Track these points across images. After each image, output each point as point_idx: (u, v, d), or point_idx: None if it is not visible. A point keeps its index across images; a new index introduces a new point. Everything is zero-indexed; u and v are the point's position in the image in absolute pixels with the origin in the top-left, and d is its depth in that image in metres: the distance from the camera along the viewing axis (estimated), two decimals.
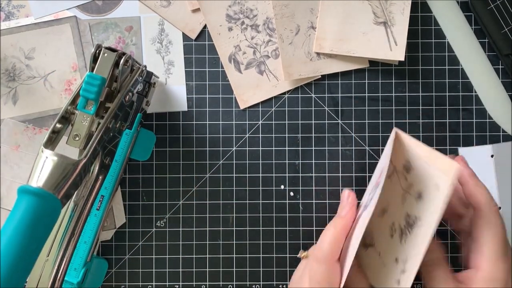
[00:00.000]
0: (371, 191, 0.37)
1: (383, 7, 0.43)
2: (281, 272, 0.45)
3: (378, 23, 0.43)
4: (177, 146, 0.46)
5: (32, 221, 0.31)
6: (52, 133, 0.36)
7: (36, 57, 0.45)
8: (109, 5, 0.45)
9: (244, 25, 0.43)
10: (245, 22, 0.43)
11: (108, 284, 0.45)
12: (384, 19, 0.43)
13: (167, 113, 0.46)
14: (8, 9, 0.45)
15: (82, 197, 0.39)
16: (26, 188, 0.32)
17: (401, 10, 0.43)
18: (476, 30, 0.45)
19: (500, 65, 0.45)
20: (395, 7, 0.43)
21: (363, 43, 0.43)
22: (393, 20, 0.43)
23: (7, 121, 0.45)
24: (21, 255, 0.31)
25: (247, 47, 0.43)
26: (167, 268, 0.45)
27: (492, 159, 0.45)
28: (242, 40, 0.43)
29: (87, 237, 0.41)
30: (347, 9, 0.43)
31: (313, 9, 0.44)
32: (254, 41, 0.43)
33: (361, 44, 0.43)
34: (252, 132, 0.46)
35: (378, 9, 0.43)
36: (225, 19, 0.43)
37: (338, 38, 0.43)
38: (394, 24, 0.43)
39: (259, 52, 0.43)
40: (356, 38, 0.43)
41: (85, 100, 0.36)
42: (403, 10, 0.43)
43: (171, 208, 0.45)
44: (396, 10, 0.43)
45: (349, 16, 0.43)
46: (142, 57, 0.45)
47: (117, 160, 0.41)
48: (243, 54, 0.43)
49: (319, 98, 0.45)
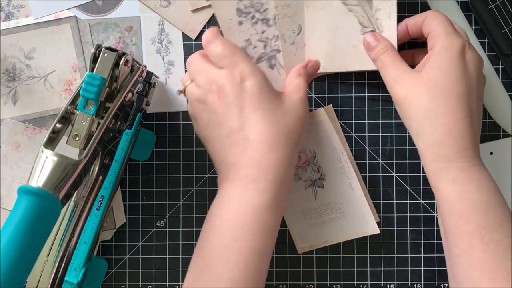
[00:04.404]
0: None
1: (368, 15, 0.41)
2: (281, 272, 0.45)
3: (366, 32, 0.42)
4: (177, 146, 0.46)
5: (32, 221, 0.31)
6: (52, 133, 0.36)
7: (36, 57, 0.45)
8: (109, 5, 0.45)
9: (255, 19, 0.42)
10: (256, 16, 0.42)
11: (108, 284, 0.45)
12: (372, 27, 0.41)
13: (167, 113, 0.46)
14: (8, 9, 0.45)
15: (82, 197, 0.39)
16: (26, 188, 0.32)
17: (387, 14, 0.41)
18: (476, 30, 0.45)
19: (500, 65, 0.45)
20: (381, 13, 0.41)
21: (355, 56, 0.42)
22: (381, 26, 0.41)
23: (7, 121, 0.45)
24: (21, 255, 0.31)
25: (258, 41, 0.43)
26: (167, 268, 0.45)
27: (491, 156, 0.45)
28: (252, 35, 0.42)
29: (87, 237, 0.41)
30: (331, 25, 0.42)
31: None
32: (264, 35, 0.42)
33: (353, 57, 0.42)
34: None
35: (364, 18, 0.42)
36: (235, 13, 0.42)
37: (328, 56, 0.42)
38: (383, 31, 0.41)
39: (269, 46, 0.43)
40: (347, 53, 0.42)
41: (85, 100, 0.36)
42: (389, 14, 0.41)
43: (171, 208, 0.45)
44: (382, 15, 0.41)
45: (336, 32, 0.42)
46: (142, 57, 0.45)
47: (117, 160, 0.41)
48: (254, 48, 0.43)
49: (319, 98, 0.45)
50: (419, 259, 0.40)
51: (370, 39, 0.41)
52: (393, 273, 0.45)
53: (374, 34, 0.41)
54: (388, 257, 0.45)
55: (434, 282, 0.45)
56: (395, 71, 0.38)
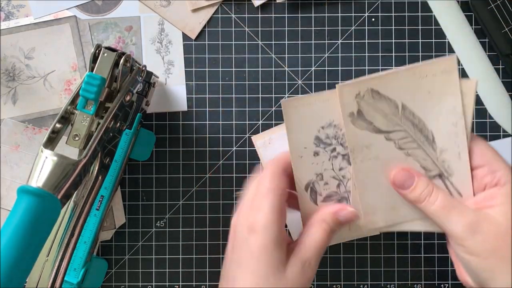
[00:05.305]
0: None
1: (432, 158, 0.35)
2: None
3: (431, 177, 0.35)
4: (177, 146, 0.46)
5: (32, 221, 0.31)
6: (52, 133, 0.36)
7: (36, 57, 0.45)
8: (109, 5, 0.45)
9: (335, 152, 0.35)
10: (337, 149, 0.35)
11: (108, 284, 0.45)
12: (438, 171, 0.35)
13: (167, 113, 0.46)
14: (8, 9, 0.45)
15: (82, 197, 0.39)
16: (26, 188, 0.32)
17: (456, 155, 0.35)
18: (476, 30, 0.45)
19: (500, 65, 0.45)
20: (448, 154, 0.35)
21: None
22: (450, 169, 0.35)
23: (7, 121, 0.45)
24: (21, 255, 0.31)
25: (332, 178, 0.36)
26: (167, 268, 0.45)
27: None
28: (327, 169, 0.36)
29: (87, 237, 0.41)
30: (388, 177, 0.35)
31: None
32: (341, 172, 0.36)
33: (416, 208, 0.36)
34: (252, 132, 0.46)
35: (427, 162, 0.35)
36: (313, 141, 0.35)
37: (389, 208, 0.36)
38: (452, 174, 0.35)
39: (344, 186, 0.36)
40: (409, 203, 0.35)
41: (84, 100, 0.36)
42: (459, 154, 0.34)
43: (171, 208, 0.45)
44: (450, 156, 0.35)
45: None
46: (142, 57, 0.45)
47: (117, 160, 0.41)
48: (325, 184, 0.36)
49: None
50: (419, 259, 0.40)
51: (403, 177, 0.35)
52: (393, 273, 0.45)
53: (405, 169, 0.35)
54: (388, 257, 0.45)
55: (434, 282, 0.45)
56: (464, 217, 0.33)
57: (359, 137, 0.35)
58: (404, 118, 0.35)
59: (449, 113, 0.35)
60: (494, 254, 0.32)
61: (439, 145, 0.35)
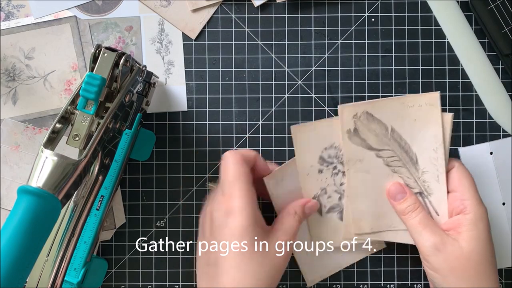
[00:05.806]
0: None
1: (415, 177, 0.40)
2: None
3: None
4: (177, 146, 0.46)
5: (32, 221, 0.31)
6: (52, 133, 0.36)
7: (36, 57, 0.45)
8: (109, 5, 0.45)
9: (336, 170, 0.41)
10: (338, 167, 0.41)
11: (108, 284, 0.45)
12: (419, 189, 0.40)
13: (167, 113, 0.46)
14: (8, 9, 0.45)
15: (82, 197, 0.39)
16: (26, 188, 0.32)
17: (435, 177, 0.40)
18: (476, 30, 0.45)
19: (500, 65, 0.45)
20: (428, 176, 0.40)
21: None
22: (429, 189, 0.40)
23: (7, 121, 0.45)
24: (21, 255, 0.31)
25: (334, 192, 0.42)
26: (167, 268, 0.45)
27: (491, 156, 0.45)
28: (330, 184, 0.41)
29: (87, 237, 0.41)
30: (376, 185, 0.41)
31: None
32: (342, 187, 0.41)
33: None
34: (252, 132, 0.46)
35: (410, 180, 0.40)
36: (317, 160, 0.41)
37: (376, 216, 0.41)
38: (431, 193, 0.40)
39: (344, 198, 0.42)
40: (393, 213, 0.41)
41: (85, 100, 0.36)
42: (438, 177, 0.39)
43: (171, 208, 0.45)
44: (429, 178, 0.40)
45: (381, 192, 0.41)
46: (142, 57, 0.45)
47: (117, 160, 0.41)
48: (328, 198, 0.42)
49: (319, 98, 0.45)
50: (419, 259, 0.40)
51: (397, 190, 0.40)
52: (393, 273, 0.45)
53: (401, 184, 0.40)
54: (388, 257, 0.45)
55: None
56: (433, 236, 0.37)
57: (354, 151, 0.40)
58: (393, 139, 0.40)
59: (431, 140, 0.39)
60: (452, 274, 0.36)
61: (421, 166, 0.40)
